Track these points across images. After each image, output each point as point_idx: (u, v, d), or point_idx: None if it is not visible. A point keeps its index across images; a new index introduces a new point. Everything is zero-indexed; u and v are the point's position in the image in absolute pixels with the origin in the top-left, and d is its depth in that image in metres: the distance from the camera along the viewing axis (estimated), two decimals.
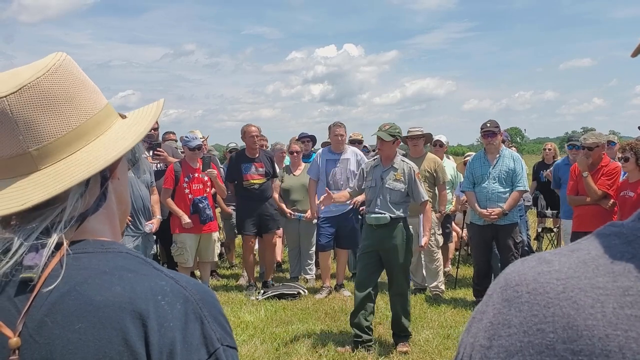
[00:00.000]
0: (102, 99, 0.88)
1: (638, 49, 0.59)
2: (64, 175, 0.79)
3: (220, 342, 0.77)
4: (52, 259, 0.76)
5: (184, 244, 5.96)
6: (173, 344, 0.73)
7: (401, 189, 4.68)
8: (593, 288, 0.50)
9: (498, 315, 0.54)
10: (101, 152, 0.82)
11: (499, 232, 5.75)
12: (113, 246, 0.83)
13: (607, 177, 5.48)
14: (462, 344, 0.59)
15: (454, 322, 5.38)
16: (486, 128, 5.83)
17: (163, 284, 0.78)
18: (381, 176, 4.73)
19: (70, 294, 0.74)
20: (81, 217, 0.81)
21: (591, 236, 0.56)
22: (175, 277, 0.80)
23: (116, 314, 0.73)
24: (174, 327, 0.74)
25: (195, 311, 0.77)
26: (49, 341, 0.72)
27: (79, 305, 0.74)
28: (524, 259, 0.59)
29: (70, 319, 0.73)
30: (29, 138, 0.78)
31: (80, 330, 0.72)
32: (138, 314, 0.73)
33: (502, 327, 0.53)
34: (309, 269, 7.04)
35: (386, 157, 4.79)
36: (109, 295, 0.74)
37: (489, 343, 0.54)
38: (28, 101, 0.78)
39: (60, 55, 0.84)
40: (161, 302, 0.75)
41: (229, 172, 6.64)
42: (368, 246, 4.76)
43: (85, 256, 0.79)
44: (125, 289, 0.75)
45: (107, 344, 0.72)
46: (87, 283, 0.75)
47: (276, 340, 4.96)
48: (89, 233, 0.83)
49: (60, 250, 0.77)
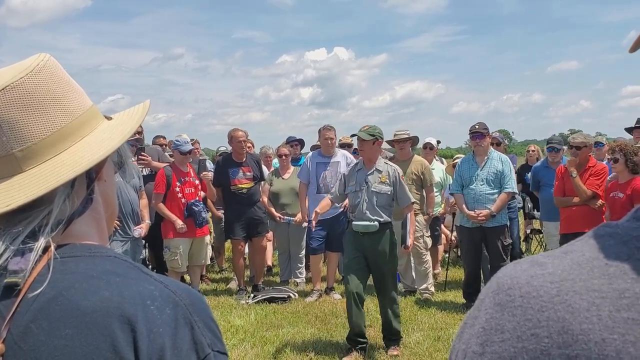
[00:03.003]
0: (87, 101, 0.87)
1: (637, 43, 0.58)
2: (49, 176, 0.77)
3: (211, 348, 0.76)
4: (38, 263, 0.74)
5: (177, 248, 5.92)
6: (162, 350, 0.72)
7: (387, 191, 4.60)
8: (588, 291, 0.49)
9: (490, 321, 0.53)
10: (87, 152, 0.81)
11: (488, 235, 5.77)
12: (100, 250, 0.81)
13: (596, 177, 5.51)
14: (453, 350, 0.58)
15: (445, 324, 5.38)
16: (474, 130, 5.85)
17: (152, 288, 0.76)
18: (365, 180, 4.62)
19: (57, 299, 0.73)
20: (68, 220, 0.79)
21: (585, 237, 0.55)
22: (164, 282, 0.79)
23: (104, 320, 0.71)
24: (163, 332, 0.73)
25: (185, 316, 0.75)
26: (35, 348, 0.71)
27: (65, 310, 0.72)
28: (516, 261, 0.57)
29: (57, 324, 0.71)
30: (13, 139, 0.77)
31: (67, 336, 0.71)
32: (126, 319, 0.72)
33: (495, 333, 0.52)
34: (299, 272, 7.02)
35: (368, 159, 4.69)
36: (97, 300, 0.72)
37: (481, 349, 0.52)
38: (11, 102, 0.77)
39: (43, 56, 0.83)
40: (150, 307, 0.74)
41: (216, 177, 6.60)
42: (355, 252, 4.65)
43: (72, 260, 0.77)
44: (113, 293, 0.73)
45: (95, 350, 0.70)
46: (74, 288, 0.74)
47: (266, 344, 4.93)
48: (76, 236, 0.81)
49: (47, 254, 0.75)
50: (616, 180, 5.23)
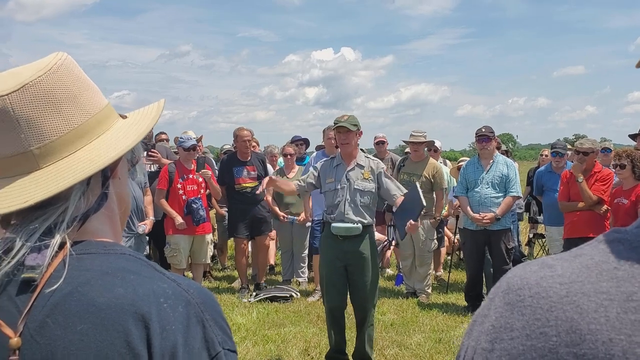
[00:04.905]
0: (103, 99, 0.88)
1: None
2: (65, 174, 0.78)
3: (222, 346, 0.77)
4: (54, 259, 0.76)
5: (177, 245, 5.95)
6: (175, 347, 0.73)
7: (372, 189, 4.11)
8: (597, 293, 0.50)
9: (500, 319, 0.55)
10: (103, 150, 0.82)
11: (492, 237, 5.77)
12: (115, 247, 0.82)
13: (601, 182, 5.50)
14: (463, 347, 0.60)
15: (446, 327, 5.39)
16: (481, 133, 5.86)
17: (165, 286, 0.77)
18: (347, 176, 4.11)
19: (73, 295, 0.74)
20: (83, 217, 0.81)
21: (594, 242, 0.57)
22: (177, 280, 0.80)
23: (118, 316, 0.73)
24: (176, 330, 0.74)
25: (197, 314, 0.77)
26: (50, 342, 0.72)
27: (81, 306, 0.73)
28: (525, 263, 0.59)
29: (72, 320, 0.72)
30: (31, 136, 0.78)
31: (82, 331, 0.72)
32: (140, 316, 0.73)
33: (504, 331, 0.54)
34: (302, 271, 7.04)
35: (349, 155, 4.16)
36: (112, 297, 0.74)
37: (491, 346, 0.54)
38: (29, 100, 0.78)
39: (61, 55, 0.84)
40: (163, 305, 0.75)
41: (220, 175, 6.62)
42: (334, 260, 4.13)
43: (87, 257, 0.78)
44: (128, 290, 0.75)
45: (109, 345, 0.71)
46: (90, 284, 0.75)
47: (268, 342, 4.95)
48: (91, 233, 0.82)
49: (63, 250, 0.77)
50: (621, 187, 5.22)
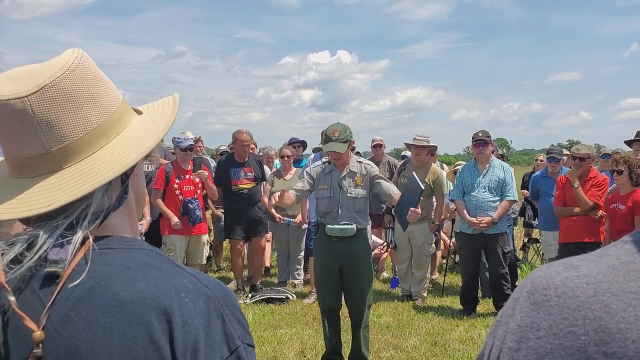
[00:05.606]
0: (118, 96, 0.88)
1: None
2: (88, 176, 0.79)
3: (241, 340, 0.78)
4: (77, 254, 0.76)
5: (173, 245, 5.94)
6: (197, 341, 0.74)
7: (364, 195, 4.19)
8: (625, 292, 0.51)
9: (526, 319, 0.56)
10: (124, 150, 0.82)
11: (488, 241, 5.80)
12: (135, 243, 0.83)
13: (597, 188, 5.53)
14: (487, 346, 0.60)
15: (442, 330, 5.40)
16: (478, 137, 5.88)
17: (186, 281, 0.78)
18: (340, 184, 4.19)
19: (96, 289, 0.75)
20: (104, 214, 0.81)
21: (620, 243, 0.58)
22: (197, 275, 0.81)
23: (141, 310, 0.73)
24: (197, 324, 0.75)
25: (217, 309, 0.77)
26: (74, 335, 0.73)
27: (104, 300, 0.74)
28: (549, 264, 0.60)
29: (96, 313, 0.73)
30: (51, 137, 0.78)
31: (105, 325, 0.73)
32: (163, 310, 0.74)
33: (530, 330, 0.54)
34: (297, 273, 7.04)
35: (343, 164, 4.24)
36: (134, 291, 0.75)
37: (517, 345, 0.55)
38: (49, 101, 0.77)
39: (77, 53, 0.83)
40: (185, 299, 0.76)
41: (217, 176, 6.62)
42: (329, 262, 4.19)
43: (109, 252, 0.79)
44: (150, 285, 0.76)
45: (132, 339, 0.72)
46: (112, 278, 0.76)
47: (264, 344, 4.95)
48: (111, 229, 0.83)
49: (85, 245, 0.77)
50: (617, 192, 5.25)
